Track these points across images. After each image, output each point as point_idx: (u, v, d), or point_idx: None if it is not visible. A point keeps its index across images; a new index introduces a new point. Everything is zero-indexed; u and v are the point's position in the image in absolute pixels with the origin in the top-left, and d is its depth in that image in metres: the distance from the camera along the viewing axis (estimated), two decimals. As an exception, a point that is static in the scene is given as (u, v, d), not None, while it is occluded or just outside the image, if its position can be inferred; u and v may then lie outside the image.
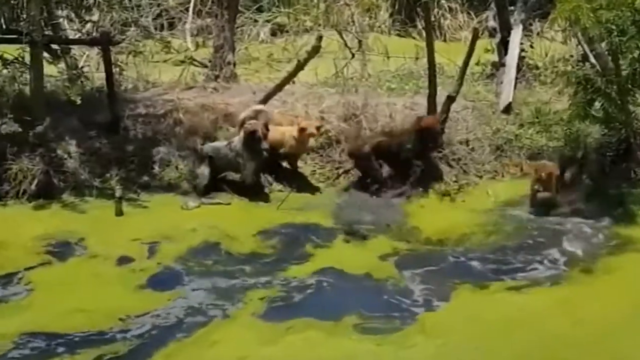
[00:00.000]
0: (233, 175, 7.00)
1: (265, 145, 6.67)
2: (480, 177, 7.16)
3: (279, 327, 4.92)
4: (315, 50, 7.25)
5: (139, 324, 4.96)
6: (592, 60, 7.11)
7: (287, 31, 11.04)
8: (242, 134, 6.73)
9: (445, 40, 10.89)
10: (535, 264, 5.80)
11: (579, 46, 7.67)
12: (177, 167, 7.13)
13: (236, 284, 5.51)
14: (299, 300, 5.34)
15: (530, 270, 5.71)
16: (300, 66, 7.38)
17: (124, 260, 5.81)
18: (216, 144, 7.05)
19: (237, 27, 10.15)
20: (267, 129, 6.73)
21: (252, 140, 6.66)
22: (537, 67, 8.87)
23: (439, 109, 7.29)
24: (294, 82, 8.00)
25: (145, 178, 7.05)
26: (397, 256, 5.95)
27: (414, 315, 5.08)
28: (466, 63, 7.42)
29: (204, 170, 6.87)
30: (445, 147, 7.30)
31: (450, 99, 7.30)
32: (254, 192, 6.86)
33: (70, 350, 4.69)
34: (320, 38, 7.38)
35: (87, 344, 4.76)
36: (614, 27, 6.48)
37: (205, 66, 9.07)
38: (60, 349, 4.71)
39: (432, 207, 6.79)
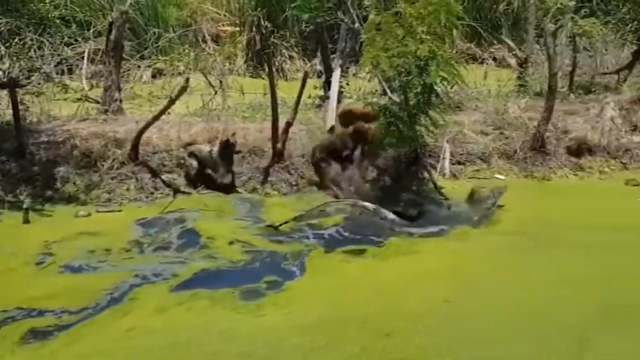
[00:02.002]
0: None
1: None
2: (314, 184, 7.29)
3: (181, 296, 4.86)
4: (184, 89, 7.17)
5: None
6: (389, 93, 7.38)
7: (164, 74, 10.86)
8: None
9: (286, 80, 10.98)
10: (357, 243, 5.90)
11: (380, 83, 7.94)
12: (74, 183, 6.89)
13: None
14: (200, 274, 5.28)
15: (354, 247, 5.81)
16: (171, 101, 7.27)
17: (35, 256, 5.55)
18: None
19: (124, 71, 9.99)
20: None
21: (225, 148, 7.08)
22: (351, 99, 9.11)
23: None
24: (169, 114, 7.87)
25: (49, 192, 6.76)
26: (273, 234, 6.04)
27: (279, 285, 5.07)
28: (299, 97, 7.59)
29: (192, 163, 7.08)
30: (287, 159, 7.45)
31: (289, 124, 7.46)
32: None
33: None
34: (187, 80, 7.35)
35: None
36: (403, 69, 6.79)
37: (98, 102, 8.80)
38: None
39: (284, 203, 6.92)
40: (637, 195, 7.16)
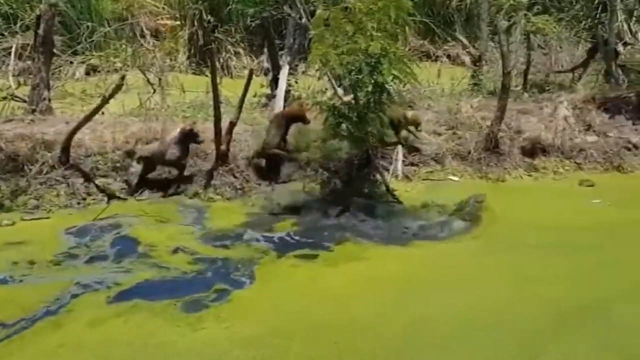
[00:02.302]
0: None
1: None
2: (260, 184, 7.10)
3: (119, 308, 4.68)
4: (119, 87, 6.83)
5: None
6: (338, 92, 7.23)
7: (99, 71, 10.49)
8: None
9: (232, 77, 10.78)
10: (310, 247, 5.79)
11: (329, 81, 7.79)
12: None
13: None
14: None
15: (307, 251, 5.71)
16: (105, 100, 6.94)
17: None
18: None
19: (55, 68, 9.61)
20: None
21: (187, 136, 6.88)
22: (300, 97, 8.89)
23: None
24: (103, 113, 7.56)
25: (-29, 199, 6.37)
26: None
27: (226, 295, 4.91)
28: (243, 96, 7.33)
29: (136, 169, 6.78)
30: (231, 161, 7.21)
31: (232, 124, 7.19)
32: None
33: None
34: (123, 77, 7.00)
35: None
36: (353, 67, 6.62)
37: (25, 101, 8.39)
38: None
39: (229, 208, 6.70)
40: (591, 196, 7.20)
